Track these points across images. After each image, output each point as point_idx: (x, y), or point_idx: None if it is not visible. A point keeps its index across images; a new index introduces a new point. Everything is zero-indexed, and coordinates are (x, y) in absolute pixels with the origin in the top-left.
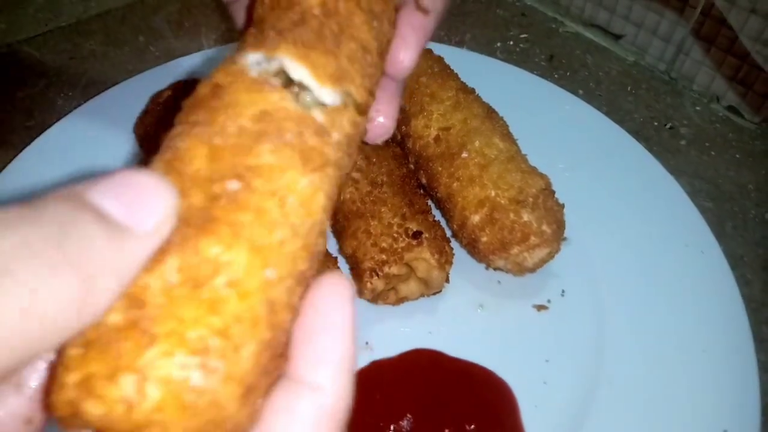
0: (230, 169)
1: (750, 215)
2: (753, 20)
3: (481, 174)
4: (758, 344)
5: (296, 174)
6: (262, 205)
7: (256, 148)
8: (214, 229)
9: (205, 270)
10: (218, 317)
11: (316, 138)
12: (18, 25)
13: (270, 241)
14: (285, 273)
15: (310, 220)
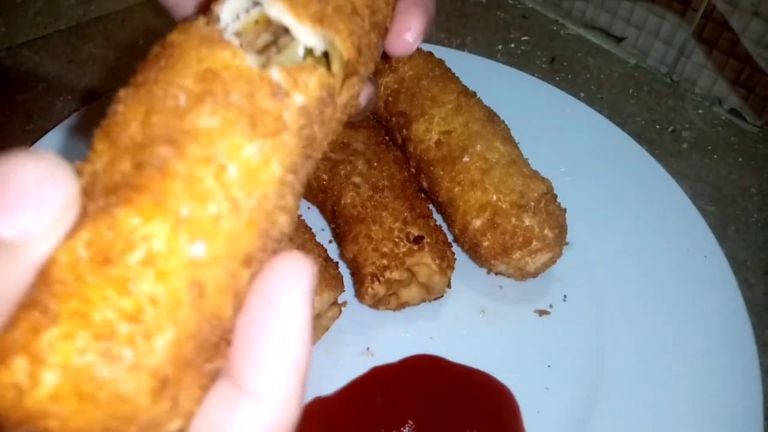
0: (163, 134)
1: (753, 219)
2: (755, 23)
3: (483, 178)
4: (761, 348)
5: (240, 139)
6: (193, 173)
7: (194, 111)
8: (135, 199)
9: (119, 245)
10: (129, 299)
11: (271, 100)
12: (17, 28)
13: (201, 214)
14: (221, 253)
15: (257, 193)
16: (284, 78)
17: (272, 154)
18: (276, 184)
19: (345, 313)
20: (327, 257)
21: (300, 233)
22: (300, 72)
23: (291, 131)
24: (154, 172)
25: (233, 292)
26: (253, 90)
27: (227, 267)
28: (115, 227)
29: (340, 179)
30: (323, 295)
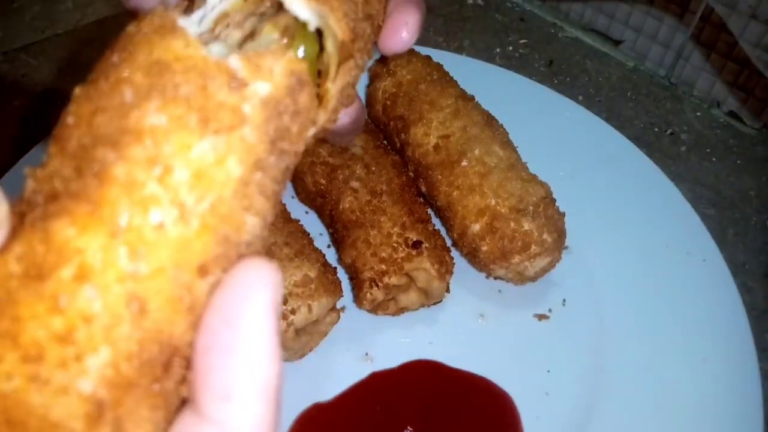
0: (107, 135)
1: (751, 222)
2: (753, 26)
3: (481, 182)
4: (761, 353)
5: (189, 137)
6: (134, 177)
7: (139, 108)
8: (71, 208)
9: (52, 258)
10: (60, 317)
11: (227, 91)
12: (14, 32)
13: (142, 222)
14: (166, 264)
15: (211, 196)
16: (244, 65)
17: (228, 152)
18: (235, 184)
19: (343, 319)
20: (325, 262)
21: (298, 238)
22: (263, 58)
23: (252, 125)
24: (91, 178)
25: (186, 305)
26: (206, 81)
27: (176, 279)
28: (48, 240)
29: (339, 184)
30: (321, 301)
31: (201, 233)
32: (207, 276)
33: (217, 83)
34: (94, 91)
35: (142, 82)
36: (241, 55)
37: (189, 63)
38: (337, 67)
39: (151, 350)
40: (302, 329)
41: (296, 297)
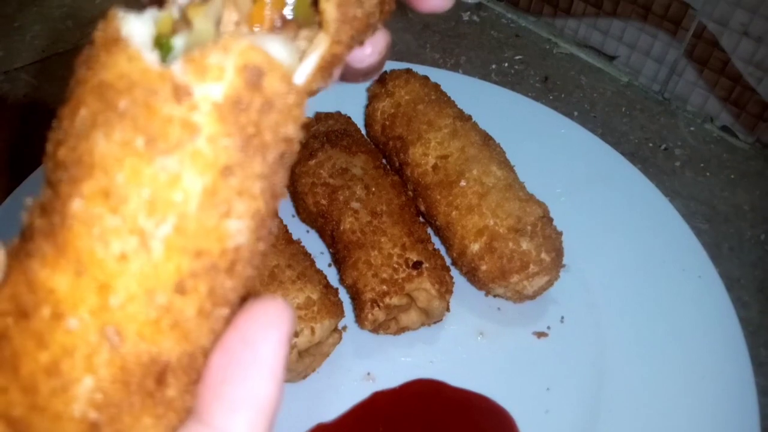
0: (66, 168)
1: (746, 236)
2: (745, 42)
3: (480, 203)
4: (757, 367)
5: (137, 162)
6: (91, 212)
7: (88, 137)
8: (42, 248)
9: (32, 298)
10: (46, 351)
11: (173, 103)
12: (15, 52)
13: (104, 255)
14: (135, 290)
15: (172, 216)
16: (189, 69)
17: (182, 170)
18: (198, 198)
19: (345, 338)
20: (327, 284)
21: (300, 260)
22: (209, 56)
23: (207, 134)
24: (56, 215)
25: (169, 324)
26: (149, 97)
27: (150, 303)
28: (27, 281)
29: (339, 205)
30: (324, 323)
31: (168, 255)
32: (187, 293)
33: (162, 96)
34: (61, 116)
35: (91, 108)
36: (185, 57)
37: (132, 78)
38: None
39: (136, 371)
40: (305, 351)
41: (299, 319)
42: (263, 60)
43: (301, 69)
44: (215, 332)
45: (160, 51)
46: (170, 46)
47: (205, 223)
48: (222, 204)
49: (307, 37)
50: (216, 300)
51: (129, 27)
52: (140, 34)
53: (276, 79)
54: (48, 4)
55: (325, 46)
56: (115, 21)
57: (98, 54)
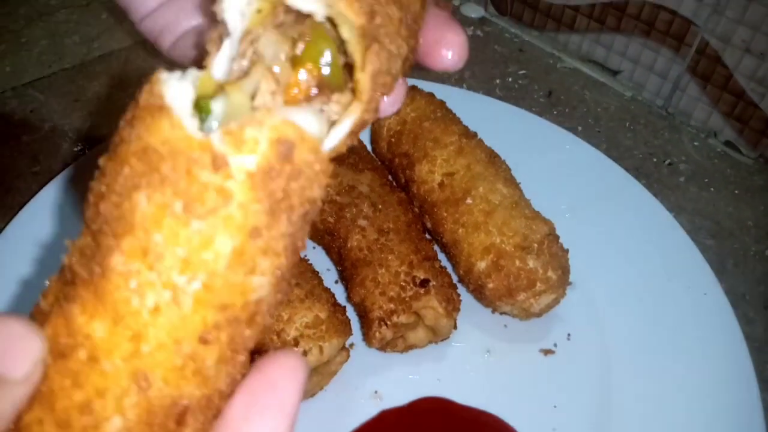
0: (108, 223)
1: (750, 252)
2: (747, 59)
3: (486, 220)
4: (762, 384)
5: (176, 225)
6: (129, 267)
7: (131, 197)
8: (81, 295)
9: (70, 341)
10: (81, 391)
11: (211, 172)
12: (22, 67)
13: (139, 307)
14: (165, 340)
15: (202, 274)
16: (227, 141)
17: (214, 233)
18: (227, 259)
19: (353, 356)
20: (335, 302)
21: (308, 278)
22: (245, 129)
23: (239, 201)
24: (96, 266)
25: (191, 370)
26: (190, 165)
27: (177, 351)
28: (66, 324)
29: (346, 222)
30: (332, 342)
31: (196, 309)
32: (209, 344)
33: (201, 164)
34: (108, 171)
35: (135, 168)
36: (224, 129)
37: (174, 145)
38: (362, 55)
39: (159, 413)
40: (314, 370)
41: (308, 339)
42: (295, 133)
43: (334, 133)
44: (231, 376)
45: (199, 113)
46: (209, 109)
47: (232, 280)
48: (248, 262)
49: (339, 100)
50: (235, 348)
51: (171, 92)
52: (182, 100)
53: (305, 150)
54: (54, 19)
55: (358, 113)
56: (158, 85)
57: (143, 116)
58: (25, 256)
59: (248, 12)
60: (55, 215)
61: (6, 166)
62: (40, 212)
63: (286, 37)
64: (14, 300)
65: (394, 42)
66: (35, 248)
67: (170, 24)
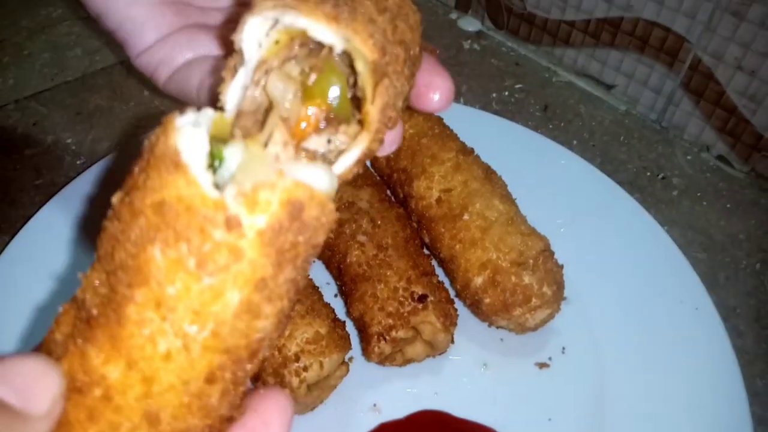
0: (123, 271)
1: (741, 265)
2: (739, 76)
3: (483, 237)
4: (752, 397)
5: (189, 280)
6: (143, 316)
7: (146, 250)
8: (98, 337)
9: (86, 379)
10: (95, 426)
11: (224, 231)
12: (24, 80)
13: (151, 353)
14: (174, 381)
15: (211, 324)
16: (240, 202)
17: (224, 288)
18: (234, 309)
19: (352, 369)
20: (335, 318)
21: (308, 294)
22: (258, 192)
23: (249, 257)
24: (111, 312)
25: (197, 406)
26: (204, 223)
27: (185, 391)
28: (83, 363)
29: (346, 238)
30: (332, 357)
31: (204, 354)
32: (215, 383)
33: (215, 224)
34: (122, 216)
35: (150, 221)
36: (238, 190)
37: (189, 203)
38: (373, 89)
39: None
40: (314, 384)
41: (308, 354)
42: (305, 194)
43: (342, 161)
44: (232, 403)
45: (213, 159)
46: (222, 156)
47: (238, 327)
48: (254, 310)
49: (346, 131)
50: (237, 382)
51: (186, 145)
52: (196, 153)
53: (314, 207)
54: (56, 32)
55: (366, 143)
56: (173, 136)
57: (158, 167)
58: (29, 271)
59: (266, 43)
60: (59, 229)
61: (9, 179)
62: (44, 226)
63: (294, 79)
64: (20, 313)
65: (399, 80)
66: (40, 262)
67: (165, 59)
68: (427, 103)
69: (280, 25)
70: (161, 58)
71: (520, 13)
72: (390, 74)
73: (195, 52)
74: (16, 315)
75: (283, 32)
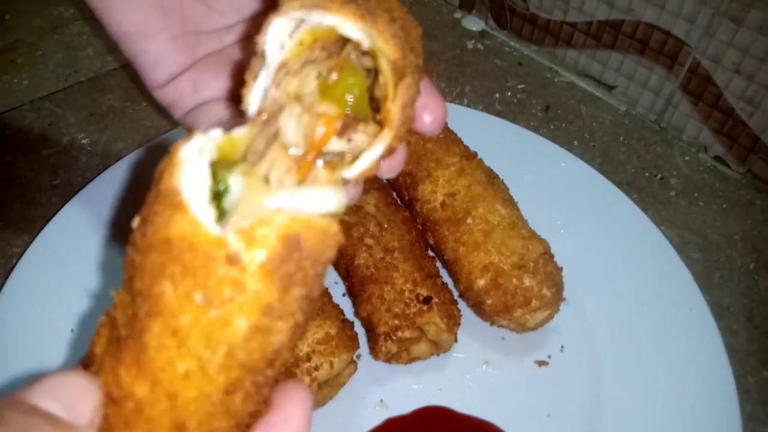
0: (143, 302)
1: (736, 265)
2: (737, 80)
3: (485, 240)
4: (743, 394)
5: (198, 312)
6: (161, 342)
7: (157, 283)
8: (126, 360)
9: (119, 393)
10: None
11: (226, 267)
12: (39, 80)
13: (172, 374)
14: (197, 395)
15: (223, 348)
16: (240, 239)
17: (231, 317)
18: (244, 333)
19: (360, 367)
20: (344, 319)
21: (318, 297)
22: (256, 230)
23: (252, 289)
24: (135, 337)
25: (220, 412)
26: (207, 260)
27: (207, 402)
28: (115, 380)
29: (354, 241)
30: (342, 357)
31: (220, 371)
32: (236, 392)
33: (217, 260)
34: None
35: (160, 256)
36: (238, 229)
37: (192, 242)
38: (394, 87)
39: None
40: (324, 383)
41: (319, 354)
42: (302, 226)
43: (366, 157)
44: (258, 402)
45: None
46: (228, 184)
47: (251, 346)
48: (264, 330)
49: (365, 130)
50: (259, 386)
51: (188, 182)
52: (198, 190)
53: (313, 236)
54: (68, 32)
55: (388, 140)
56: (177, 171)
57: (163, 203)
58: (52, 269)
59: (289, 44)
60: (78, 230)
61: (27, 180)
62: (62, 228)
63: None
64: (43, 311)
65: (416, 83)
66: (62, 261)
67: (177, 101)
68: (419, 125)
69: (305, 24)
70: (173, 99)
71: (522, 13)
72: (408, 75)
73: (203, 95)
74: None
75: (307, 32)
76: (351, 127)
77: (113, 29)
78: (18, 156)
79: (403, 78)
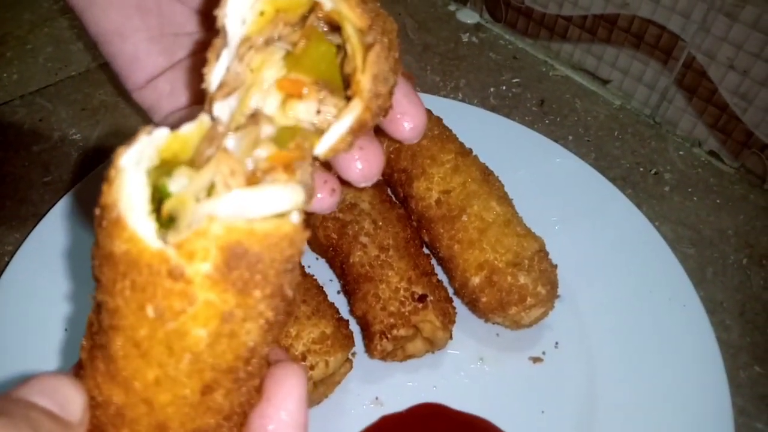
0: (106, 313)
1: (729, 261)
2: (731, 75)
3: (480, 238)
4: (735, 389)
5: (153, 325)
6: (127, 353)
7: (112, 300)
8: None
9: (100, 397)
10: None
11: (171, 280)
12: (29, 75)
13: (144, 381)
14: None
15: (186, 356)
16: (179, 254)
17: (188, 328)
18: (206, 340)
19: (355, 365)
20: (339, 317)
21: (314, 295)
22: (194, 242)
23: (203, 298)
24: (104, 346)
25: (202, 411)
26: (151, 275)
27: (185, 403)
28: (96, 386)
29: (349, 239)
30: (337, 356)
31: (190, 375)
32: (214, 392)
33: (161, 275)
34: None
35: (112, 271)
36: (177, 242)
37: (134, 257)
38: (363, 57)
39: None
40: (319, 381)
41: (314, 353)
42: (241, 233)
43: (334, 129)
44: (244, 395)
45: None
46: (168, 192)
47: (217, 351)
48: (228, 334)
49: (336, 104)
50: (240, 383)
51: (125, 196)
52: (135, 202)
53: (257, 242)
54: (58, 25)
55: (358, 111)
56: (114, 186)
57: (104, 216)
58: (44, 267)
59: (249, 18)
60: (70, 227)
61: (19, 177)
62: (55, 225)
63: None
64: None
65: (388, 60)
66: (54, 259)
67: (154, 107)
68: (399, 131)
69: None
70: (151, 102)
71: (518, 6)
72: (378, 46)
73: (182, 99)
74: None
75: (268, 1)
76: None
77: (92, 29)
78: (8, 152)
79: (372, 47)
